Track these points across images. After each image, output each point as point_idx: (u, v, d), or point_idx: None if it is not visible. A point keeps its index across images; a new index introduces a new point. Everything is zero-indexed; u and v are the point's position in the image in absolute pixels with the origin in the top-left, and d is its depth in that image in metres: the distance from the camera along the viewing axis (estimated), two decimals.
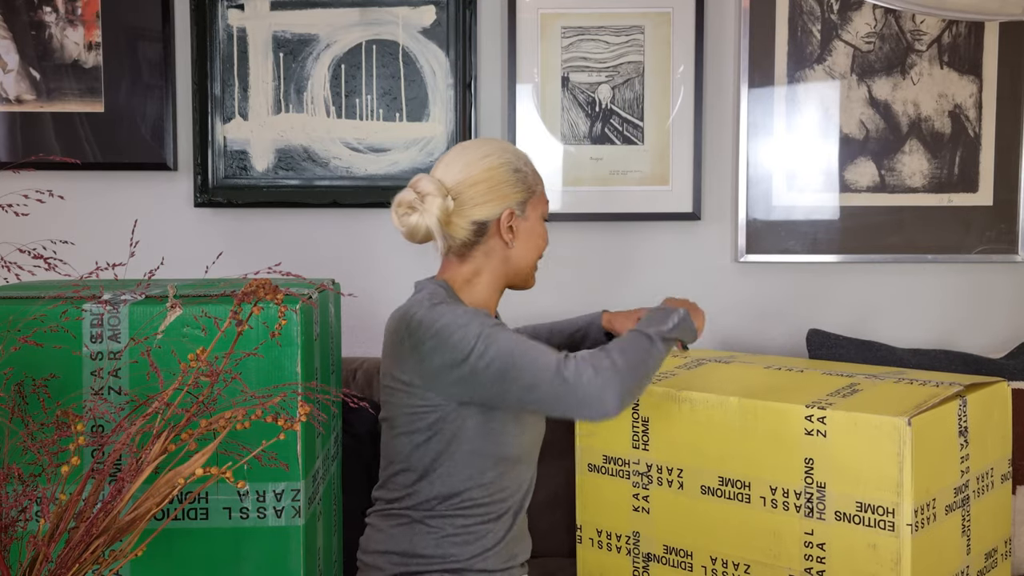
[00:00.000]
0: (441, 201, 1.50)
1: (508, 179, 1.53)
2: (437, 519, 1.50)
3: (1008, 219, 2.24)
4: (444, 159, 1.56)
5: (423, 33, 2.20)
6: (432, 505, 1.50)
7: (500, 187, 1.52)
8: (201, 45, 2.19)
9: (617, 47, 2.21)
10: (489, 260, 1.55)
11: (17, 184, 1.28)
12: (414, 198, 1.52)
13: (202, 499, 1.30)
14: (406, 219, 1.52)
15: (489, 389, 1.41)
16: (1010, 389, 1.60)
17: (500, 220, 1.53)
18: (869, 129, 2.23)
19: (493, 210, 1.52)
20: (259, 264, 2.04)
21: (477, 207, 1.52)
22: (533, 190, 1.57)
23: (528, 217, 1.56)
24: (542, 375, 1.37)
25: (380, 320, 2.29)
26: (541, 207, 1.59)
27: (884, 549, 1.33)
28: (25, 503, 1.01)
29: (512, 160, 1.55)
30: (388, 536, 1.53)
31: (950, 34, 2.21)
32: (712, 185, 2.26)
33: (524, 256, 1.57)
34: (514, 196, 1.53)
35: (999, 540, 1.59)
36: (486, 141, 1.60)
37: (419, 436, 1.48)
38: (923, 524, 1.35)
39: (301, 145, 2.22)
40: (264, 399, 1.18)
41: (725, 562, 1.47)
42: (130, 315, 1.28)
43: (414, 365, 1.45)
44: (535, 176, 1.58)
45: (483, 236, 1.53)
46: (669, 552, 1.56)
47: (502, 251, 1.55)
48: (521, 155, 1.58)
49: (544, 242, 1.60)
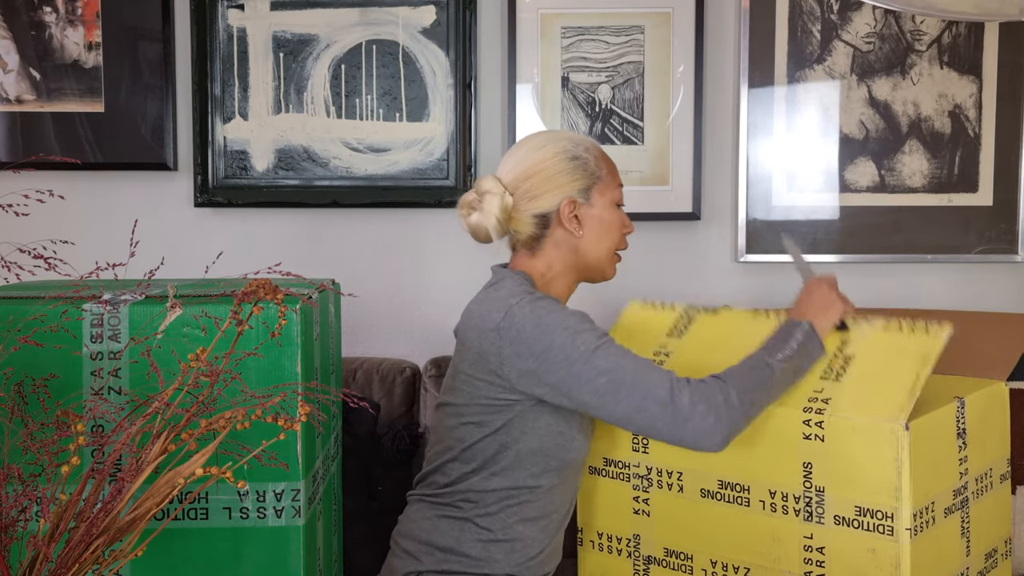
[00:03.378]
0: (499, 199, 1.48)
1: (564, 167, 1.50)
2: (487, 517, 1.47)
3: (1008, 219, 2.24)
4: (505, 156, 1.55)
5: (423, 33, 2.20)
6: (486, 501, 1.47)
7: (556, 177, 1.49)
8: (201, 45, 2.19)
9: (617, 47, 2.21)
10: (560, 252, 1.52)
11: (17, 184, 1.28)
12: (474, 198, 1.51)
13: (202, 499, 1.30)
14: (468, 219, 1.52)
15: (591, 399, 1.37)
16: (1008, 389, 1.60)
17: (560, 210, 1.49)
18: (869, 129, 2.23)
19: (552, 201, 1.49)
20: (259, 264, 2.03)
21: (535, 200, 1.49)
22: (597, 176, 1.52)
23: (594, 204, 1.51)
24: (652, 399, 1.33)
25: (380, 320, 2.30)
26: (610, 193, 1.53)
27: (883, 554, 1.33)
28: (25, 503, 1.01)
29: (568, 148, 1.51)
30: (433, 527, 1.50)
31: (950, 34, 2.21)
32: (712, 185, 2.26)
33: (596, 245, 1.52)
34: (573, 184, 1.50)
35: (999, 540, 1.59)
36: (542, 133, 1.57)
37: (489, 428, 1.46)
38: (922, 528, 1.35)
39: (301, 145, 2.22)
40: (264, 399, 1.18)
41: (725, 565, 1.47)
42: (130, 315, 1.28)
43: (510, 358, 1.41)
44: (599, 161, 1.53)
45: (548, 228, 1.50)
46: (669, 555, 1.56)
47: (571, 241, 1.51)
48: (582, 141, 1.54)
49: (619, 230, 1.55)
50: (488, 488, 1.47)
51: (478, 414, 1.47)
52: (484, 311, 1.46)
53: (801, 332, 1.43)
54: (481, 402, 1.46)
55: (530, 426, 1.45)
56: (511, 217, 1.50)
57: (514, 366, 1.41)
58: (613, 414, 1.37)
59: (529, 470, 1.47)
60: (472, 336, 1.48)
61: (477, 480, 1.48)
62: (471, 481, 1.48)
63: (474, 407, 1.47)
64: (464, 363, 1.49)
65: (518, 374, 1.41)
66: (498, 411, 1.45)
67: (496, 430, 1.45)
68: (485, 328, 1.44)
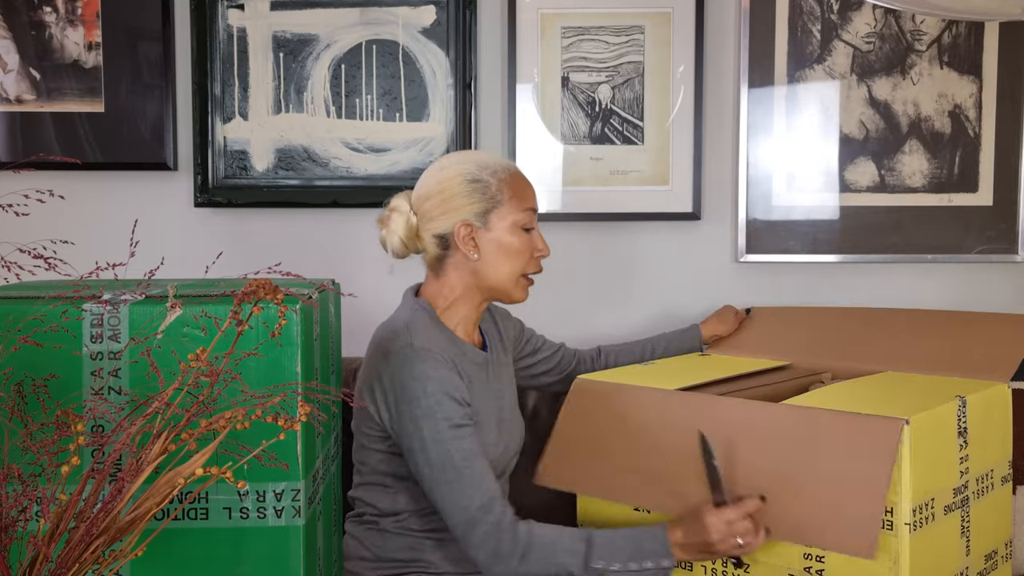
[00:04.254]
0: (404, 217, 1.53)
1: (461, 190, 1.50)
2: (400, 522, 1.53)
3: (1008, 219, 2.24)
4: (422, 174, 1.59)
5: (423, 33, 2.20)
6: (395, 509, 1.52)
7: (453, 199, 1.50)
8: (201, 45, 2.19)
9: (617, 47, 2.21)
10: (459, 274, 1.54)
11: (17, 184, 1.28)
12: (385, 214, 1.56)
13: (202, 499, 1.30)
14: (380, 236, 1.57)
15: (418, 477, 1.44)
16: (1010, 391, 1.60)
17: (455, 232, 1.51)
18: (869, 129, 2.23)
19: (448, 223, 1.51)
20: (259, 264, 2.03)
21: (433, 221, 1.52)
22: (496, 200, 1.51)
23: (492, 228, 1.51)
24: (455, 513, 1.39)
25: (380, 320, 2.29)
26: (512, 217, 1.52)
27: (883, 548, 1.33)
28: (25, 503, 1.01)
29: (470, 171, 1.51)
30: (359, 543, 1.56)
31: (950, 34, 2.21)
32: (712, 185, 2.26)
33: (495, 269, 1.53)
34: (469, 208, 1.50)
35: (999, 542, 1.59)
36: (454, 154, 1.59)
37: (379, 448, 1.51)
38: (921, 524, 1.35)
39: (301, 145, 2.22)
40: (264, 399, 1.18)
41: (725, 562, 1.47)
42: (130, 315, 1.28)
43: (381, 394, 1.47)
44: (503, 185, 1.52)
45: (448, 250, 1.53)
46: None
47: (468, 264, 1.53)
48: (489, 164, 1.53)
49: (524, 254, 1.54)
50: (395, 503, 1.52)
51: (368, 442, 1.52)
52: (377, 339, 1.53)
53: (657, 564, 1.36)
54: (366, 423, 1.51)
55: None
56: (416, 236, 1.53)
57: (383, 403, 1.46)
58: (429, 496, 1.43)
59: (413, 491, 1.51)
60: (365, 360, 1.54)
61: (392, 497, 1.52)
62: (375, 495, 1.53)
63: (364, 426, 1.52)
64: (360, 380, 1.54)
65: (384, 409, 1.46)
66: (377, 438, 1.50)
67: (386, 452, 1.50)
68: (369, 362, 1.51)
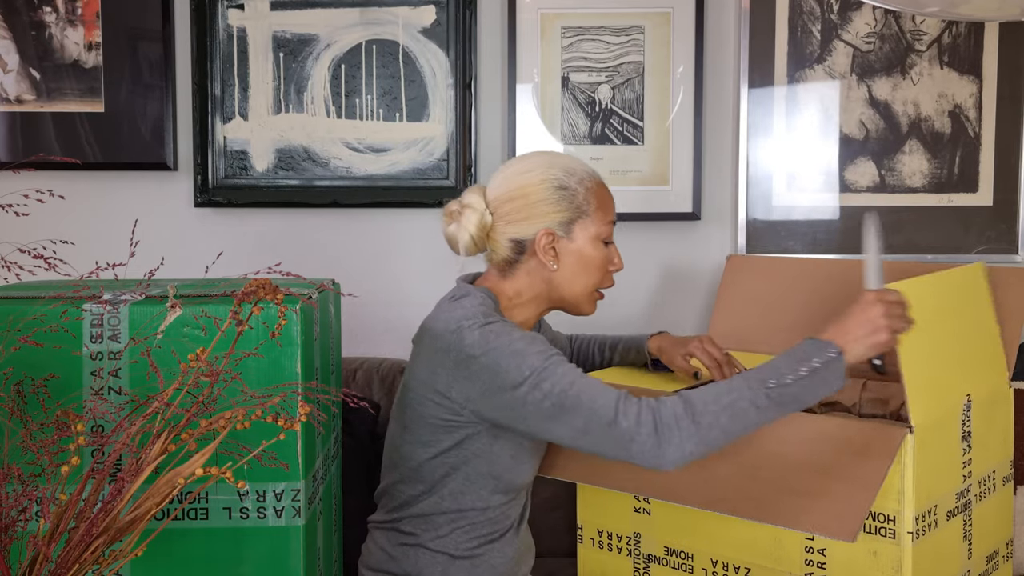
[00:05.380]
0: (479, 216, 1.44)
1: (547, 196, 1.43)
2: (440, 540, 1.46)
3: (1008, 219, 2.24)
4: (499, 169, 1.50)
5: (423, 33, 2.20)
6: (436, 523, 1.45)
7: (538, 205, 1.43)
8: (201, 45, 2.19)
9: (617, 47, 2.21)
10: (531, 281, 1.46)
11: (17, 184, 1.28)
12: (456, 208, 1.47)
13: (202, 499, 1.30)
14: (446, 228, 1.48)
15: (537, 422, 1.32)
16: (1012, 390, 1.60)
17: (537, 240, 1.43)
18: (869, 129, 2.23)
19: (529, 229, 1.43)
20: (259, 264, 2.03)
21: (513, 224, 1.44)
22: (583, 210, 1.44)
23: (575, 239, 1.44)
24: (597, 421, 1.26)
25: (380, 320, 2.30)
26: (595, 228, 1.45)
27: (885, 556, 1.33)
28: (25, 503, 1.01)
29: (558, 176, 1.44)
30: (389, 556, 1.49)
31: (950, 34, 2.21)
32: (712, 185, 2.26)
33: (571, 281, 1.46)
34: (554, 215, 1.43)
35: (1000, 542, 1.59)
36: (536, 155, 1.50)
37: (436, 448, 1.42)
38: (924, 531, 1.35)
39: (301, 145, 2.22)
40: (264, 399, 1.18)
41: (726, 565, 1.47)
42: (130, 315, 1.28)
43: (457, 381, 1.37)
44: (590, 195, 1.45)
45: (523, 255, 1.45)
46: (670, 554, 1.56)
47: (544, 273, 1.45)
48: (577, 171, 1.46)
49: (602, 268, 1.47)
50: (437, 511, 1.45)
51: (426, 434, 1.43)
52: (438, 328, 1.41)
53: (822, 357, 1.25)
54: (429, 421, 1.42)
55: (480, 449, 1.41)
56: (488, 236, 1.46)
57: (461, 389, 1.37)
58: (560, 437, 1.32)
59: (478, 493, 1.44)
60: (424, 352, 1.44)
61: (426, 503, 1.45)
62: (420, 505, 1.45)
63: (422, 426, 1.43)
64: (414, 379, 1.45)
65: (465, 397, 1.37)
66: (447, 432, 1.41)
67: (444, 451, 1.42)
68: (436, 347, 1.40)
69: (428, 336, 1.44)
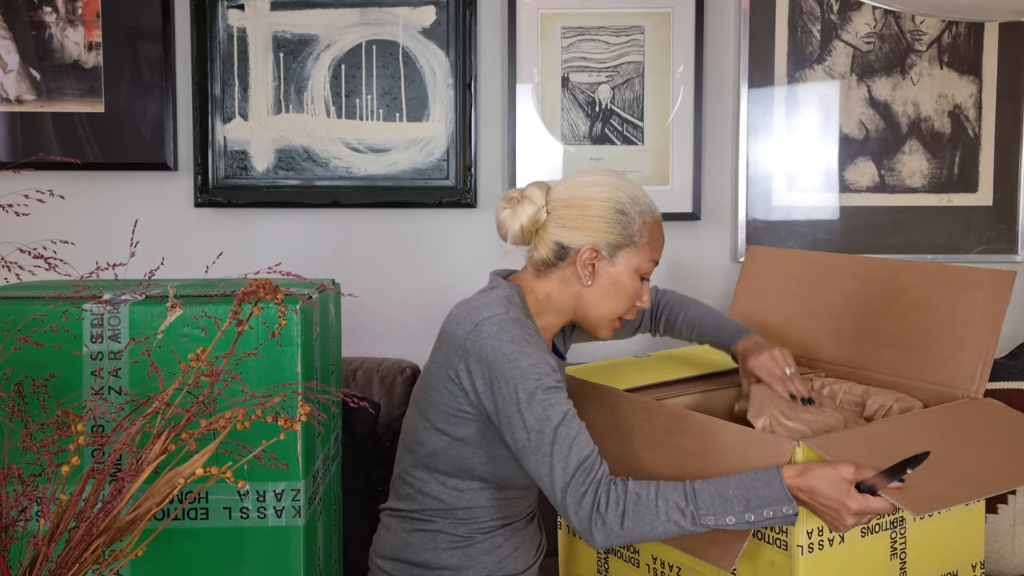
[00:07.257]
0: (535, 209, 1.46)
1: (605, 215, 1.44)
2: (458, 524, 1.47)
3: (1008, 219, 2.25)
4: (572, 174, 1.52)
5: (423, 33, 2.20)
6: (452, 507, 1.46)
7: (593, 219, 1.44)
8: (201, 45, 2.19)
9: (617, 47, 2.21)
10: (563, 289, 1.48)
11: (17, 184, 1.28)
12: (516, 196, 1.49)
13: (202, 499, 1.30)
14: (500, 213, 1.49)
15: (512, 444, 1.35)
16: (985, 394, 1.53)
17: (580, 252, 1.44)
18: (869, 129, 2.23)
19: (577, 239, 1.44)
20: (259, 264, 2.04)
21: (563, 228, 1.45)
22: (633, 240, 1.45)
23: (617, 263, 1.46)
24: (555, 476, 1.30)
25: (380, 320, 2.30)
26: (639, 260, 1.46)
27: (780, 568, 1.30)
28: (25, 503, 1.01)
29: (622, 200, 1.45)
30: (405, 542, 1.49)
31: (950, 34, 2.21)
32: (712, 185, 2.26)
33: (600, 303, 1.47)
34: (605, 235, 1.44)
35: (962, 563, 1.49)
36: (610, 173, 1.51)
37: (449, 436, 1.44)
38: (821, 547, 1.30)
39: (301, 145, 2.22)
40: (264, 399, 1.19)
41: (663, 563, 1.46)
42: (130, 315, 1.28)
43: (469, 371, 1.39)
44: (644, 228, 1.46)
45: (562, 261, 1.46)
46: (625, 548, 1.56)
47: (576, 286, 1.47)
48: (642, 201, 1.47)
49: (631, 300, 1.48)
50: (452, 498, 1.46)
51: (440, 420, 1.44)
52: (462, 316, 1.43)
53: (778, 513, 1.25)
54: (443, 408, 1.43)
55: (490, 447, 1.43)
56: (537, 232, 1.47)
57: (470, 380, 1.39)
58: (525, 465, 1.35)
59: (491, 489, 1.46)
60: (445, 339, 1.45)
61: (441, 489, 1.46)
62: (435, 490, 1.47)
63: (437, 411, 1.44)
64: (434, 364, 1.46)
65: (471, 388, 1.39)
66: (459, 421, 1.42)
67: (457, 440, 1.43)
68: (456, 334, 1.41)
69: (451, 324, 1.45)
